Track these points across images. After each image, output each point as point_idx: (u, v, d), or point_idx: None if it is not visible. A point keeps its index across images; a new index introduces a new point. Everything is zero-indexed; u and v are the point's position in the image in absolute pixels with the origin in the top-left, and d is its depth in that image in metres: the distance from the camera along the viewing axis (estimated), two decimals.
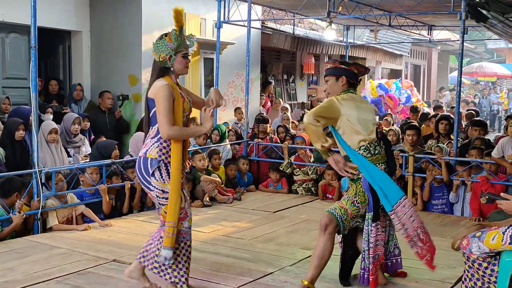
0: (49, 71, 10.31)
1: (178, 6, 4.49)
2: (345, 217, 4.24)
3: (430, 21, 14.24)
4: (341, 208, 4.27)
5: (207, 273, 4.67)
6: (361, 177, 4.28)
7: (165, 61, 4.17)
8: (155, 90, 4.10)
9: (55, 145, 7.02)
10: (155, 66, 4.23)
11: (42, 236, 5.80)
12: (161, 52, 4.16)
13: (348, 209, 4.26)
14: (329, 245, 4.24)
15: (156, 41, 4.21)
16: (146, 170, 4.10)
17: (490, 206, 6.83)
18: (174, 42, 4.19)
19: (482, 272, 3.45)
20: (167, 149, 4.11)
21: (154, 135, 4.15)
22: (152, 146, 4.13)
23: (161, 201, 4.12)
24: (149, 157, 4.10)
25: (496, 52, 34.65)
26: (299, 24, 15.47)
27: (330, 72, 4.46)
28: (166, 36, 4.19)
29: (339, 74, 4.42)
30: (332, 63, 4.52)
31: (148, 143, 4.17)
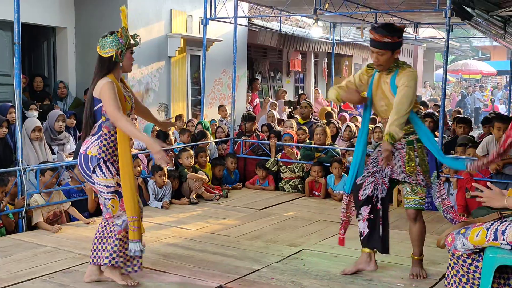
0: (34, 68, 10.23)
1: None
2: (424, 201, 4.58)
3: (416, 19, 14.32)
4: (420, 198, 4.54)
5: (193, 271, 4.66)
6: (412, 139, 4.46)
7: (116, 56, 4.23)
8: (99, 89, 4.18)
9: (39, 142, 6.97)
10: (102, 63, 4.29)
11: (26, 234, 5.75)
12: (111, 47, 4.24)
13: (423, 194, 4.53)
14: (424, 227, 4.61)
15: (105, 37, 4.30)
16: (87, 166, 4.21)
17: (475, 202, 6.89)
18: (125, 38, 4.30)
19: (466, 269, 3.48)
20: (107, 146, 4.21)
21: (95, 132, 4.24)
22: (92, 144, 4.22)
23: (107, 196, 4.23)
24: (89, 155, 4.20)
25: (481, 50, 34.87)
26: (285, 21, 15.48)
27: (388, 46, 4.34)
28: (118, 32, 4.30)
29: (394, 49, 4.38)
30: (390, 37, 4.32)
31: (89, 140, 4.26)
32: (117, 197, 4.23)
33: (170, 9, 10.90)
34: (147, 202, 7.09)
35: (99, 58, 4.30)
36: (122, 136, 4.19)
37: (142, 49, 10.24)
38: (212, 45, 11.48)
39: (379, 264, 4.88)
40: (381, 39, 4.33)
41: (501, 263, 3.36)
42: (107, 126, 4.21)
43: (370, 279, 4.56)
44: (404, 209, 4.70)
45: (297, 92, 17.22)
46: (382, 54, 4.36)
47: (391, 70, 4.43)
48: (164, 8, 10.77)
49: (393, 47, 4.36)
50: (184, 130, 8.88)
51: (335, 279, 4.57)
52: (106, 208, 4.30)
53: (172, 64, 11.10)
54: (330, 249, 5.37)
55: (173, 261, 4.93)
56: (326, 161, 7.90)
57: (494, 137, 6.93)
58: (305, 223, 6.40)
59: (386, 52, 4.35)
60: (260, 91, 15.29)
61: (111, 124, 4.19)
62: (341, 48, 16.98)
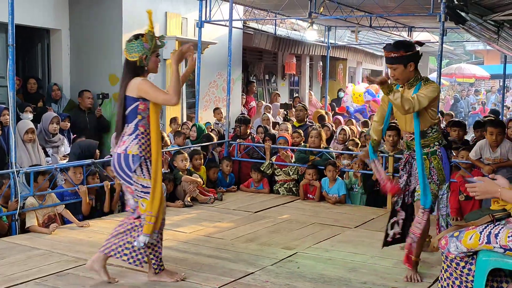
0: (28, 70, 10.20)
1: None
2: (434, 199, 4.76)
3: (410, 22, 14.36)
4: (432, 194, 4.69)
5: (188, 273, 4.65)
6: (436, 150, 4.74)
7: (141, 60, 4.29)
8: (135, 87, 4.26)
9: (32, 144, 6.95)
10: (129, 66, 4.34)
11: (20, 237, 5.73)
12: (136, 52, 4.29)
13: (435, 191, 4.74)
14: (428, 225, 4.72)
15: (131, 41, 4.34)
16: (128, 166, 4.25)
17: (468, 204, 6.92)
18: (150, 42, 4.33)
19: (459, 272, 3.49)
20: (145, 145, 4.30)
21: (131, 132, 4.30)
22: (131, 143, 4.27)
23: (140, 195, 4.29)
24: (130, 154, 4.25)
25: (475, 54, 35.02)
26: (280, 24, 15.50)
27: (398, 61, 4.60)
28: (142, 36, 4.33)
29: (407, 62, 4.61)
30: (397, 52, 4.59)
31: (126, 140, 4.30)
32: (149, 197, 4.29)
33: (165, 12, 10.90)
34: None
35: (126, 61, 4.36)
36: (155, 136, 4.30)
37: None
38: (207, 47, 11.47)
39: (373, 268, 4.91)
40: (388, 55, 4.65)
41: (494, 266, 3.37)
42: (143, 125, 4.31)
43: (364, 282, 4.57)
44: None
45: (292, 95, 17.24)
46: (395, 69, 4.65)
47: (412, 85, 4.70)
48: (159, 10, 10.76)
49: (402, 61, 4.60)
50: (179, 133, 8.88)
51: (329, 282, 4.57)
52: (134, 207, 4.36)
53: (167, 67, 11.08)
54: (324, 252, 5.38)
55: (167, 264, 4.90)
56: (321, 164, 7.91)
57: (487, 141, 6.95)
58: (299, 226, 6.41)
59: (398, 66, 4.62)
60: (256, 93, 15.29)
61: (147, 123, 4.31)
62: (335, 51, 17.00)
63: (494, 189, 3.34)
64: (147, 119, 4.32)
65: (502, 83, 19.23)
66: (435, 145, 4.76)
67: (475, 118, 19.96)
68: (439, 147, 4.76)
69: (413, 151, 4.80)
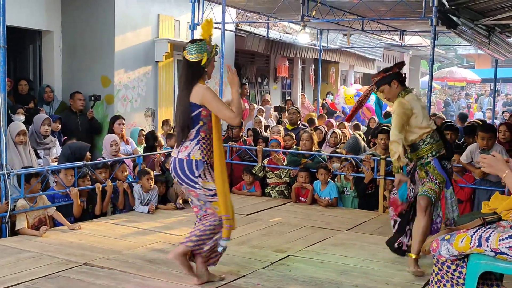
0: (19, 71, 10.16)
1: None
2: (436, 196, 4.97)
3: (402, 26, 14.42)
4: (431, 189, 4.95)
5: (180, 276, 4.64)
6: (429, 161, 4.97)
7: (204, 62, 4.43)
8: (200, 96, 4.37)
9: (23, 146, 6.91)
10: (193, 67, 4.44)
11: (10, 239, 5.69)
12: (199, 53, 4.41)
13: (436, 189, 4.96)
14: (430, 222, 4.99)
15: (195, 43, 4.45)
16: (191, 171, 4.39)
17: (459, 207, 6.93)
18: (210, 46, 4.48)
19: (450, 274, 3.50)
20: (207, 150, 4.43)
21: (193, 137, 4.42)
22: (194, 149, 4.39)
23: (209, 199, 4.44)
24: (193, 159, 4.38)
25: (466, 58, 35.19)
26: (273, 27, 15.54)
27: (381, 82, 5.13)
28: (206, 39, 4.47)
29: (390, 80, 5.08)
30: (377, 75, 5.18)
31: (188, 146, 4.41)
32: (217, 199, 4.41)
33: (157, 14, 10.89)
34: (132, 207, 7.06)
35: (187, 63, 4.46)
36: (218, 141, 4.45)
37: (129, 54, 10.22)
38: None
39: (364, 271, 4.92)
40: (373, 81, 5.24)
41: (485, 269, 3.38)
42: (204, 131, 4.43)
43: (356, 285, 4.58)
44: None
45: (284, 98, 17.26)
46: (383, 90, 5.15)
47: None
48: (152, 12, 10.75)
49: (385, 81, 5.09)
50: (171, 135, 8.87)
51: (321, 284, 4.58)
52: (204, 211, 4.50)
53: (159, 69, 11.07)
54: (316, 255, 5.38)
55: (159, 266, 4.91)
56: (313, 167, 7.92)
57: (478, 145, 6.98)
58: (291, 229, 6.41)
59: (384, 87, 5.11)
60: (248, 96, 15.30)
61: (208, 129, 4.44)
62: (328, 54, 17.05)
63: (502, 168, 3.26)
64: (208, 124, 4.43)
65: (493, 87, 19.32)
66: (428, 157, 4.98)
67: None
68: (432, 158, 4.97)
69: (414, 162, 5.10)
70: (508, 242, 3.25)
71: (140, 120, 10.64)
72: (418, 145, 4.99)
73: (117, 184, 6.95)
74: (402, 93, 5.05)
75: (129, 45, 10.19)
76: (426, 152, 4.97)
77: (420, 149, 5.00)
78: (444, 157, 5.03)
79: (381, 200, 7.47)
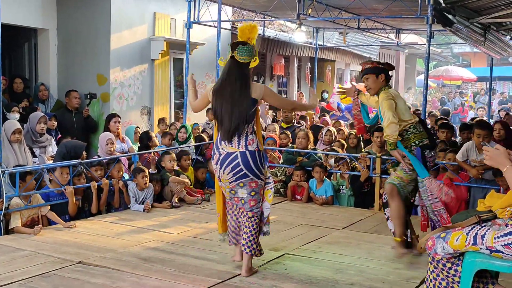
0: (14, 70, 10.13)
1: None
2: (403, 183, 5.20)
3: (398, 24, 14.44)
4: (397, 177, 5.22)
5: (175, 275, 4.64)
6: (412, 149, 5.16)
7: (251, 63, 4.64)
8: (261, 91, 4.63)
9: (18, 145, 6.89)
10: (244, 67, 4.62)
11: (4, 238, 5.67)
12: (249, 56, 4.61)
13: (403, 177, 5.20)
14: (400, 205, 5.20)
15: (245, 45, 4.63)
16: (261, 162, 4.66)
17: (454, 206, 6.95)
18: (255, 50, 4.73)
19: (446, 273, 3.50)
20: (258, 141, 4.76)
21: (251, 131, 4.66)
22: (256, 141, 4.67)
23: (265, 187, 4.76)
24: (261, 151, 4.69)
25: (462, 56, 35.24)
26: (269, 25, 15.52)
27: (371, 70, 5.30)
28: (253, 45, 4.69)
29: (378, 72, 5.28)
30: (370, 63, 5.37)
31: (253, 139, 4.64)
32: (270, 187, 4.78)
33: (153, 12, 10.87)
34: (128, 206, 7.05)
35: (238, 64, 4.61)
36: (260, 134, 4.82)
37: (125, 52, 10.20)
38: (196, 48, 11.46)
39: (360, 269, 4.93)
40: (364, 66, 5.40)
41: (480, 267, 3.38)
42: (254, 125, 4.72)
43: (351, 283, 4.58)
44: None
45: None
46: (368, 78, 5.30)
47: (378, 94, 5.30)
48: (148, 11, 10.73)
49: (374, 71, 5.28)
50: (166, 134, 8.86)
51: (316, 283, 4.57)
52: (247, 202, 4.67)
53: (155, 67, 11.06)
54: (312, 254, 5.38)
55: (154, 265, 4.90)
56: (308, 165, 7.91)
57: (474, 143, 6.99)
58: (287, 227, 6.40)
59: (371, 76, 5.29)
60: None
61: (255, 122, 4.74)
62: (324, 53, 17.06)
63: (504, 161, 3.22)
64: (256, 118, 4.73)
65: (488, 85, 19.36)
66: (412, 146, 5.18)
67: (455, 118, 20.13)
68: (416, 147, 5.17)
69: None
70: (503, 240, 3.25)
71: (136, 118, 10.62)
72: (402, 134, 5.19)
73: (113, 183, 6.94)
74: (385, 88, 5.26)
75: (125, 43, 10.17)
76: (411, 141, 5.18)
77: (404, 138, 5.20)
78: (427, 146, 5.22)
79: (377, 198, 7.47)
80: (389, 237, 6.04)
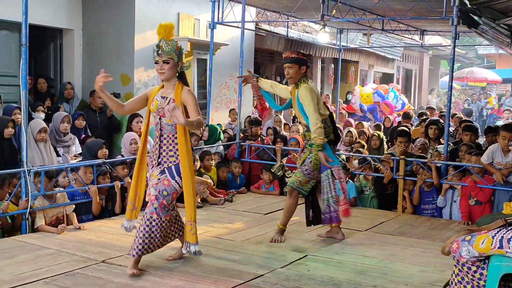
0: (39, 69, 10.25)
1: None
2: (301, 186, 5.73)
3: (422, 26, 14.31)
4: (296, 180, 5.72)
5: (197, 275, 4.65)
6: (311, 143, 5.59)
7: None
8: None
9: (44, 144, 6.97)
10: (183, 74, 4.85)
11: (29, 236, 5.74)
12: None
13: (302, 180, 5.72)
14: (294, 203, 5.83)
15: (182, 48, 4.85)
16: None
17: (479, 208, 6.88)
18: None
19: (471, 276, 3.46)
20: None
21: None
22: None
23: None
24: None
25: (487, 58, 34.82)
26: (292, 26, 15.50)
27: (295, 60, 5.59)
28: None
29: (302, 64, 5.61)
30: (296, 54, 5.64)
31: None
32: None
33: (177, 13, 10.92)
34: None
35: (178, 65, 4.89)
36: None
37: (149, 52, 10.23)
38: (219, 49, 11.48)
39: (383, 271, 4.89)
40: (289, 55, 5.65)
41: (506, 271, 3.34)
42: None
43: (374, 286, 4.54)
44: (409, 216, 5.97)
45: None
46: (291, 67, 5.60)
47: (297, 85, 5.64)
48: (172, 11, 10.79)
49: (298, 62, 5.58)
50: (192, 134, 8.88)
51: (339, 285, 4.55)
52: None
53: None
54: (334, 255, 5.36)
55: (176, 265, 4.92)
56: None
57: (499, 146, 6.90)
58: (309, 229, 6.36)
59: (294, 66, 5.59)
60: None
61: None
62: (347, 54, 16.97)
63: None
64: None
65: None
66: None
67: (490, 118, 19.88)
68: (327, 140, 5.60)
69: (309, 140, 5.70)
70: None
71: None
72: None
73: None
74: (305, 79, 5.62)
75: (149, 44, 10.21)
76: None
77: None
78: (332, 142, 5.68)
79: (400, 200, 7.42)
80: (412, 239, 6.03)
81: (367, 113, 15.45)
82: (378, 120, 14.15)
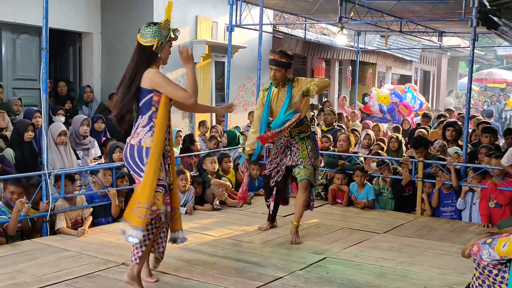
0: (59, 73, 10.36)
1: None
2: (314, 177, 5.88)
3: (441, 27, 14.24)
4: (311, 174, 5.81)
5: (217, 277, 4.66)
6: (309, 135, 5.92)
7: (156, 46, 4.29)
8: (148, 80, 4.25)
9: (64, 147, 7.03)
10: (144, 51, 4.34)
11: (50, 238, 5.80)
12: (152, 37, 4.29)
13: (312, 171, 5.82)
14: (308, 198, 5.93)
15: (148, 27, 4.32)
16: (141, 158, 4.20)
17: (499, 211, 6.81)
18: (167, 30, 4.35)
19: (492, 279, 3.44)
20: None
21: (145, 124, 4.26)
22: (145, 135, 4.23)
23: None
24: (144, 146, 4.21)
25: (506, 59, 34.44)
26: (310, 28, 15.50)
27: (283, 65, 5.79)
28: (161, 23, 4.34)
29: (288, 67, 5.86)
30: (285, 59, 5.82)
31: (140, 132, 4.26)
32: (163, 190, 4.21)
33: (195, 16, 10.97)
34: None
35: (139, 46, 4.36)
36: (160, 127, 4.23)
37: None
38: (237, 51, 11.52)
39: (402, 274, 4.87)
40: (278, 59, 5.81)
41: None
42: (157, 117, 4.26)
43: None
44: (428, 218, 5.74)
45: (321, 99, 17.19)
46: (279, 71, 5.79)
47: (284, 84, 5.83)
48: (190, 14, 10.84)
49: (285, 66, 5.81)
50: (212, 137, 8.91)
51: (358, 287, 4.54)
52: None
53: (197, 70, 11.16)
54: (353, 257, 5.34)
55: (196, 267, 4.94)
56: (350, 169, 7.86)
57: None
58: (328, 231, 6.38)
59: (281, 69, 5.79)
60: None
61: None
62: (365, 56, 16.92)
63: None
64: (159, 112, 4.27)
65: None
66: (308, 131, 5.91)
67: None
68: (311, 133, 5.96)
69: (293, 137, 5.85)
70: None
71: (177, 121, 10.72)
72: (303, 121, 5.82)
73: None
74: (292, 76, 5.87)
75: None
76: (308, 127, 5.90)
77: (304, 125, 5.85)
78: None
79: (419, 203, 7.38)
80: (432, 241, 5.99)
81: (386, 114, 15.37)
82: (397, 121, 14.08)
